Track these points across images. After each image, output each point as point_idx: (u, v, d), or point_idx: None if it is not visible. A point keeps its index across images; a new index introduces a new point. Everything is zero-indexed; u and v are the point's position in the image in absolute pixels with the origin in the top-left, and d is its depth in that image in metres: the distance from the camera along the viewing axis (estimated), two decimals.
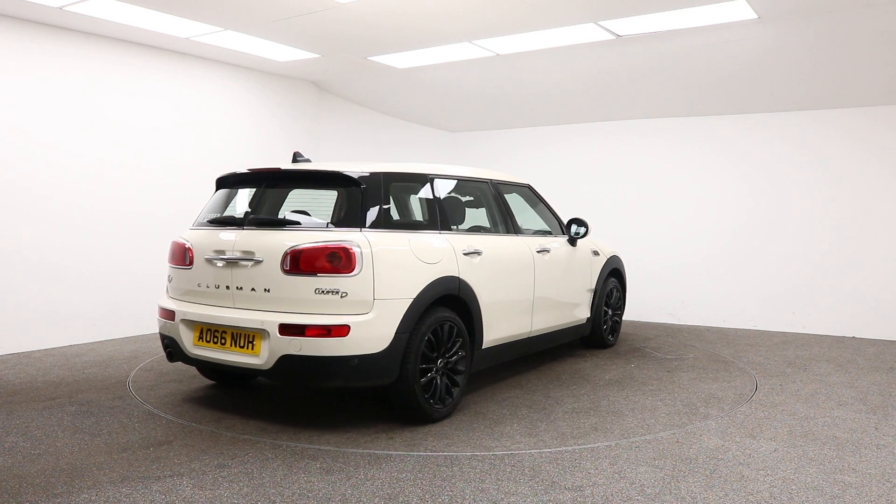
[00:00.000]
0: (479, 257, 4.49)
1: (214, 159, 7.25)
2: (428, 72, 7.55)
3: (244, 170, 4.42)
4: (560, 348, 6.31)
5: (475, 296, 4.39)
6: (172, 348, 4.27)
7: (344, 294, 3.71)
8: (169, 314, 4.26)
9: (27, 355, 5.87)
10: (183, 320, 4.16)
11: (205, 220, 4.41)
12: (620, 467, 3.42)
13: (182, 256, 4.30)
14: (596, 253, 6.13)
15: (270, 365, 3.76)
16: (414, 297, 3.92)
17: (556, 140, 8.90)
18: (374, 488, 3.16)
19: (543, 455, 3.60)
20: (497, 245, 4.81)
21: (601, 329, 6.21)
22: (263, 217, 4.25)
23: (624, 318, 7.16)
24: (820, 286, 7.21)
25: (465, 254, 4.38)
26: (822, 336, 7.06)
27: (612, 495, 3.09)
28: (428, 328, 4.00)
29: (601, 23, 5.71)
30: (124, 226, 6.65)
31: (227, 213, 4.39)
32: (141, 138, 6.80)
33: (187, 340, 4.15)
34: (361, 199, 3.95)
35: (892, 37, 5.66)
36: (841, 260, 7.11)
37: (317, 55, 7.00)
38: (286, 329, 3.70)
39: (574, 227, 5.71)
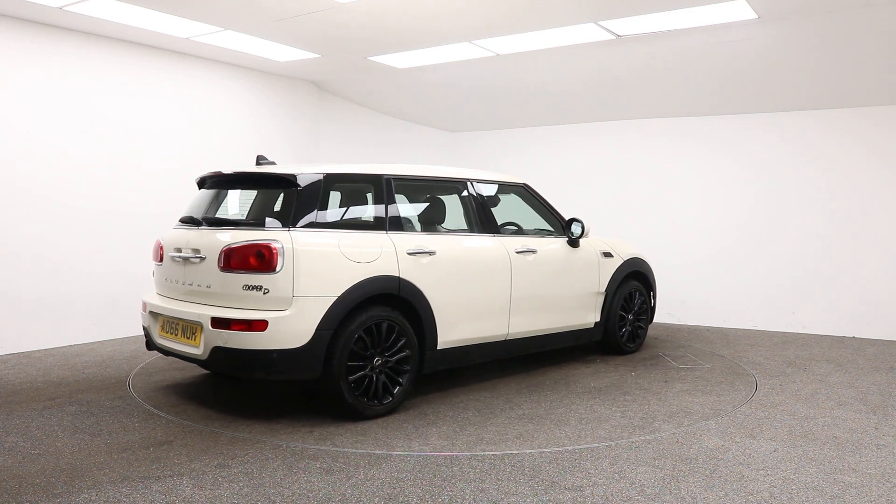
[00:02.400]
0: (430, 257, 4.48)
1: (214, 159, 7.25)
2: (428, 72, 7.55)
3: (210, 172, 4.69)
4: (570, 352, 6.17)
5: (423, 296, 4.40)
6: (148, 338, 4.64)
7: (266, 290, 3.92)
8: (144, 306, 4.66)
9: (27, 355, 5.87)
10: (151, 312, 4.55)
11: (178, 220, 4.74)
12: (620, 467, 3.42)
13: (156, 253, 4.68)
14: (608, 254, 5.88)
15: (206, 356, 4.04)
16: (338, 295, 4.00)
17: (556, 140, 8.91)
18: (374, 488, 3.16)
19: (543, 455, 3.60)
20: (459, 245, 4.78)
21: (616, 334, 5.93)
22: (210, 217, 4.52)
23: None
24: (820, 286, 7.21)
25: (409, 254, 4.38)
26: (822, 336, 7.05)
27: (612, 495, 3.09)
28: (359, 326, 4.09)
29: (601, 23, 5.71)
30: (124, 225, 6.65)
31: (194, 214, 4.64)
32: (141, 138, 6.80)
33: (154, 331, 4.53)
34: (296, 199, 4.13)
35: (892, 37, 5.66)
36: (841, 260, 7.11)
37: (317, 55, 7.00)
38: (216, 322, 3.96)
39: (573, 228, 5.56)
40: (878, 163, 6.94)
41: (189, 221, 4.53)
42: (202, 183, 4.79)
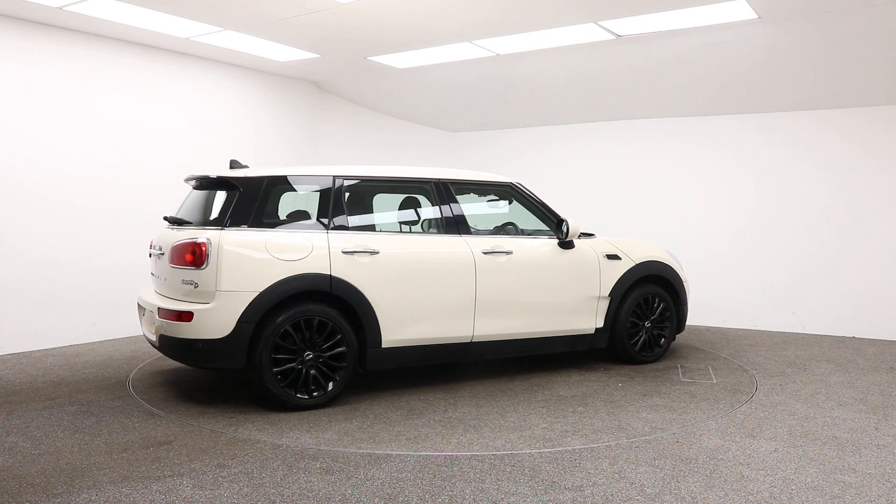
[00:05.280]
0: (371, 257, 4.55)
1: (214, 159, 7.25)
2: (428, 72, 7.55)
3: (190, 174, 4.98)
4: (576, 358, 5.85)
5: (361, 294, 4.48)
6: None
7: (196, 284, 4.27)
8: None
9: (27, 355, 5.87)
10: (138, 304, 4.96)
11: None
12: (620, 467, 3.43)
13: (149, 250, 5.05)
14: (614, 257, 5.52)
15: (158, 343, 4.48)
16: (261, 290, 4.23)
17: (556, 140, 8.91)
18: (374, 488, 3.16)
19: (543, 455, 3.60)
20: (407, 245, 4.78)
21: (626, 342, 5.57)
22: (174, 217, 4.87)
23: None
24: (820, 286, 7.21)
25: (345, 252, 4.47)
26: (822, 336, 7.05)
27: (612, 495, 3.10)
28: (286, 321, 4.29)
29: (601, 23, 5.72)
30: (124, 225, 6.65)
31: (174, 214, 5.03)
32: (141, 138, 6.80)
33: (141, 320, 4.92)
34: (236, 200, 4.42)
35: (893, 37, 5.66)
36: (841, 260, 7.11)
37: (317, 55, 7.00)
38: (160, 312, 4.38)
39: (562, 228, 5.28)
40: (878, 163, 6.93)
41: (166, 220, 4.93)
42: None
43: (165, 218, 4.92)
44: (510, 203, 5.58)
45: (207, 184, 4.66)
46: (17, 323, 5.98)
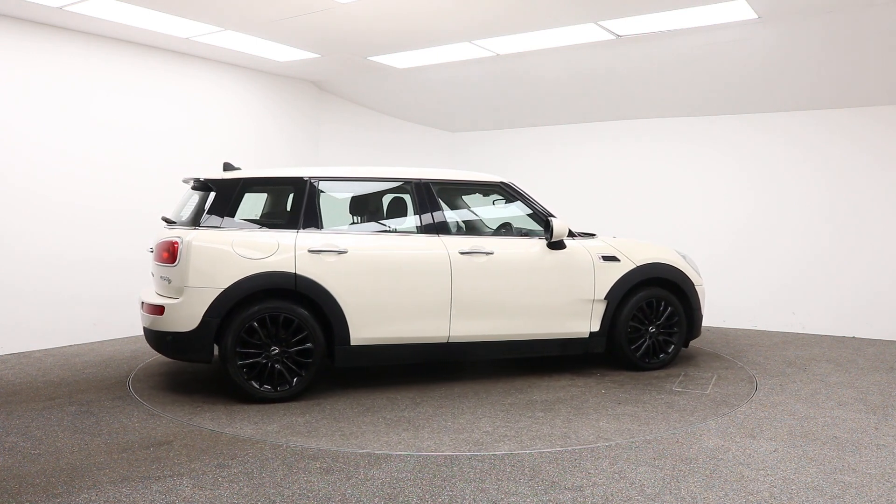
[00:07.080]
0: (338, 256, 4.62)
1: (214, 159, 7.24)
2: (428, 72, 7.55)
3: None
4: (571, 361, 5.72)
5: (327, 292, 4.57)
6: None
7: (170, 280, 4.53)
8: None
9: (27, 355, 5.87)
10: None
11: None
12: (620, 467, 3.43)
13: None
14: (611, 258, 5.29)
15: (144, 335, 4.78)
16: (224, 287, 4.42)
17: (556, 140, 8.91)
18: (374, 488, 3.16)
19: (544, 455, 3.60)
20: (377, 244, 4.81)
21: (625, 347, 5.33)
22: (167, 217, 5.08)
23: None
24: (820, 286, 7.21)
25: (312, 251, 4.58)
26: (822, 336, 7.05)
27: (612, 495, 3.10)
28: (251, 316, 4.47)
29: (601, 23, 5.72)
30: (125, 225, 6.65)
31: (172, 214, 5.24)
32: (141, 138, 6.80)
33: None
34: (212, 201, 4.67)
35: (893, 37, 5.66)
36: (841, 260, 7.11)
37: (317, 55, 7.00)
38: (143, 306, 4.71)
39: (550, 228, 5.09)
40: (878, 163, 6.93)
41: (163, 220, 5.13)
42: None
43: (163, 218, 5.10)
44: (502, 203, 5.53)
45: (197, 185, 4.82)
46: (17, 323, 5.98)
